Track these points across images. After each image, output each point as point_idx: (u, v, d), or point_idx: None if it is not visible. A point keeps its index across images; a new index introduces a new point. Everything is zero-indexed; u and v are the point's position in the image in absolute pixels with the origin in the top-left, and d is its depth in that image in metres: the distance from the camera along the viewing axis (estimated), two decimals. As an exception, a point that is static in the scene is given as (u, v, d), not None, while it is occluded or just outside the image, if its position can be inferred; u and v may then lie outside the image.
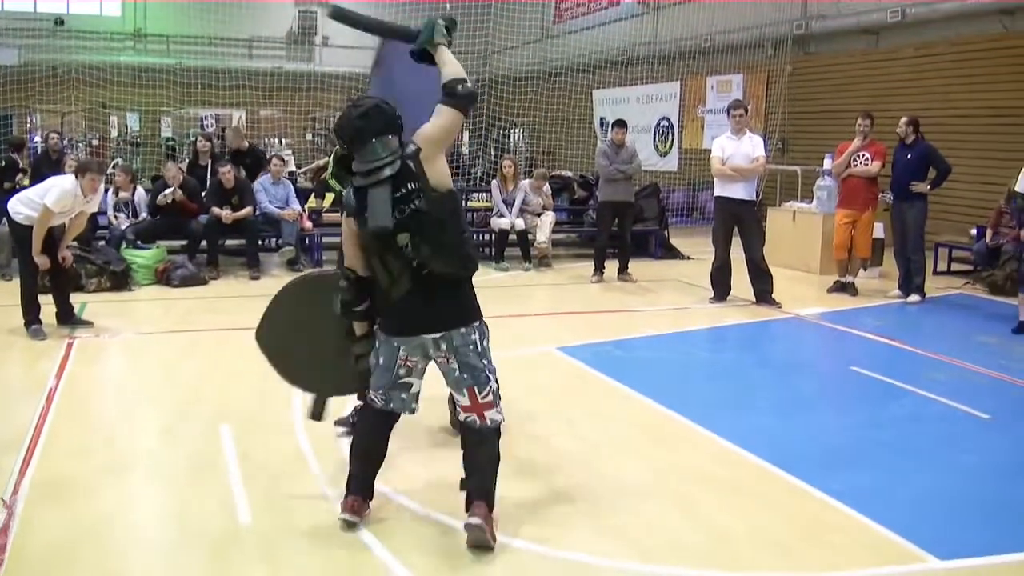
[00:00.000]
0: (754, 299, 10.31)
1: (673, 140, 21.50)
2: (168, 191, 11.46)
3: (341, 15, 4.74)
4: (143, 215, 11.75)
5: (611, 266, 12.00)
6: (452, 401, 4.90)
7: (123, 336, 8.46)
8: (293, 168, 16.47)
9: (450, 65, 4.23)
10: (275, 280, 11.31)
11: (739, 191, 10.17)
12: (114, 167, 13.16)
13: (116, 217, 11.66)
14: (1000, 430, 6.21)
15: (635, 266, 12.24)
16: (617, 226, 11.99)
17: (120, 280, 10.53)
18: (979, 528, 4.63)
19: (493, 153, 22.54)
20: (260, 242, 12.45)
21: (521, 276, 12.30)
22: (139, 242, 11.34)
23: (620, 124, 12.20)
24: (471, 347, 4.19)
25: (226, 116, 25.00)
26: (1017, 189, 9.11)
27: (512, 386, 6.86)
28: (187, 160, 14.56)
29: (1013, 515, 4.81)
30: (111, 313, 9.29)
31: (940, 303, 10.76)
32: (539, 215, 13.07)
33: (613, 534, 4.42)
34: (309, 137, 25.87)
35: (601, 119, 23.14)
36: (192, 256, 11.57)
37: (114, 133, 24.09)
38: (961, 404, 6.65)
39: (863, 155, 10.86)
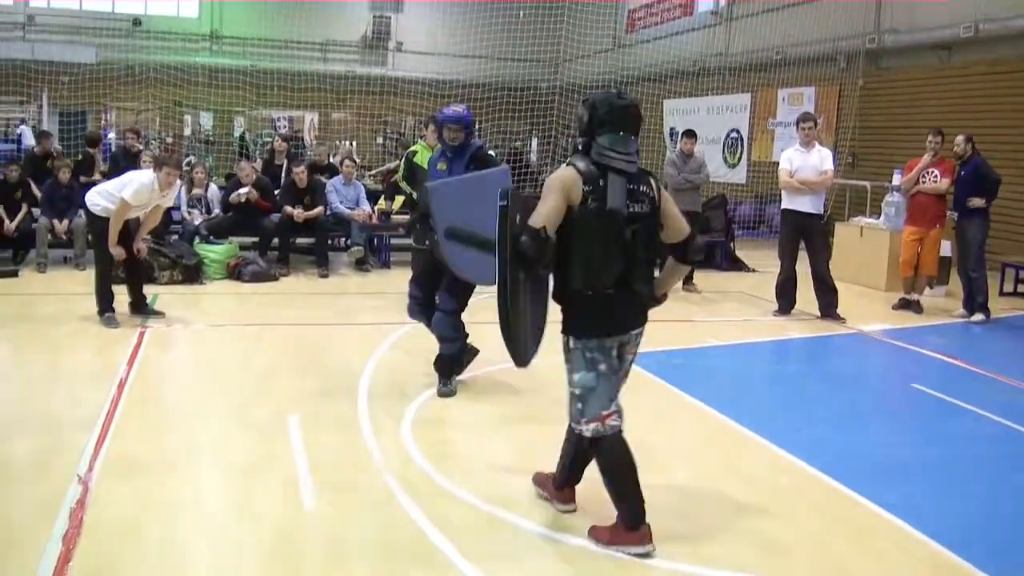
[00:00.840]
0: (819, 313, 10.24)
1: (742, 152, 21.37)
2: (243, 191, 11.73)
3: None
4: (216, 211, 12.05)
5: (675, 275, 11.96)
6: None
7: (194, 327, 8.70)
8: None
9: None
10: (342, 279, 11.57)
11: (806, 204, 10.14)
12: (189, 164, 13.50)
13: (190, 213, 11.97)
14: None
15: (700, 277, 12.19)
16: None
17: (192, 273, 10.80)
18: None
19: (562, 159, 22.59)
20: (329, 241, 12.71)
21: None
22: (212, 237, 11.63)
23: (689, 134, 12.19)
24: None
25: (299, 118, 25.41)
26: None
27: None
28: (262, 159, 14.94)
29: None
30: (183, 305, 9.54)
31: (1005, 324, 10.61)
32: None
33: (670, 539, 4.45)
34: (380, 140, 26.18)
35: (671, 129, 23.09)
36: (263, 253, 11.83)
37: (187, 131, 24.61)
38: (1019, 425, 6.60)
39: (932, 172, 10.77)
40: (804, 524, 4.77)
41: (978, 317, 10.46)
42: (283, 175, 13.02)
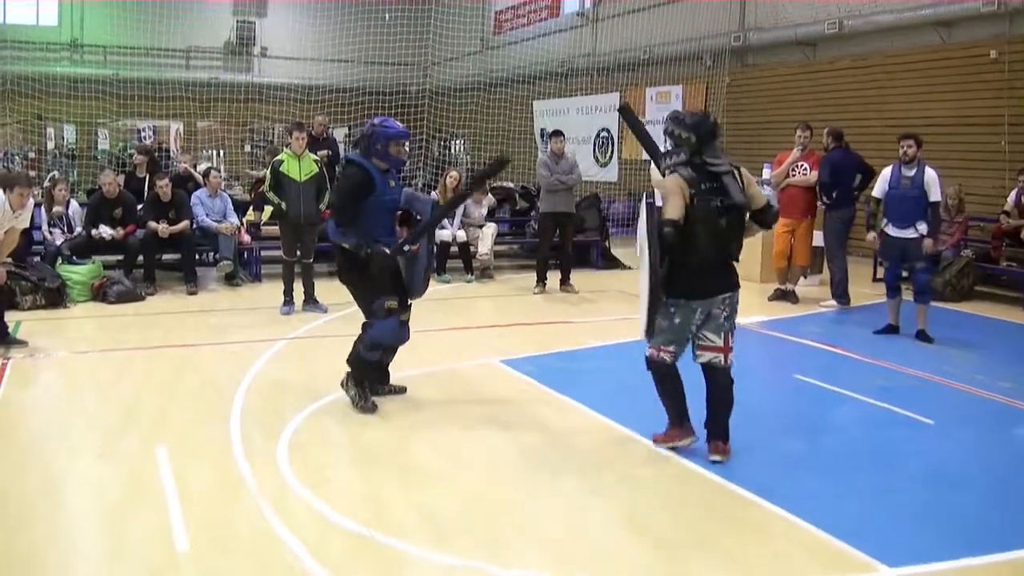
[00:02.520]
0: None
1: (613, 151, 21.55)
2: (107, 234, 11.21)
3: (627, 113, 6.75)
4: (78, 229, 11.50)
5: (553, 277, 11.97)
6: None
7: (58, 355, 8.22)
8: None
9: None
10: (212, 295, 11.17)
11: None
12: (52, 181, 12.85)
13: (51, 232, 11.39)
14: (943, 435, 6.29)
15: (577, 277, 12.23)
16: (559, 237, 11.98)
17: (55, 297, 10.26)
18: (926, 534, 4.67)
19: (434, 164, 22.46)
20: (197, 256, 12.26)
21: (463, 288, 12.23)
22: (74, 257, 11.08)
23: (557, 134, 12.18)
24: (738, 304, 5.64)
25: (163, 127, 24.65)
26: (874, 194, 9.38)
27: (454, 399, 6.88)
28: (124, 173, 14.35)
29: (958, 520, 4.86)
30: (46, 331, 9.03)
31: (880, 310, 10.84)
32: (480, 227, 13.03)
33: (552, 547, 4.41)
34: (247, 149, 25.57)
35: (541, 130, 23.14)
36: (129, 272, 11.30)
37: (50, 145, 23.61)
38: (904, 409, 6.73)
39: (802, 165, 11.00)
40: (693, 523, 4.75)
41: (829, 303, 10.77)
42: (146, 189, 12.50)
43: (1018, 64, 13.21)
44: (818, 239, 11.76)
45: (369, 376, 6.60)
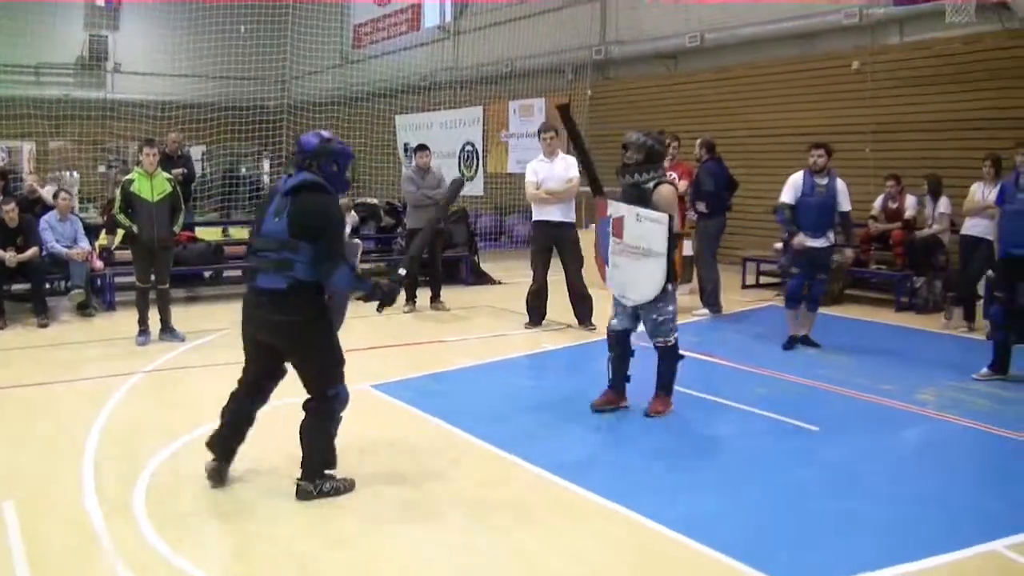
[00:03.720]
0: (569, 322, 10.30)
1: (478, 165, 21.48)
2: None
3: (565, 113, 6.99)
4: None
5: (423, 294, 11.74)
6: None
7: None
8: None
9: None
10: (64, 327, 10.57)
11: (556, 213, 10.12)
12: None
13: None
14: (829, 442, 6.28)
15: (447, 293, 12.05)
16: (427, 253, 11.75)
17: None
18: (820, 547, 4.61)
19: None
20: (48, 285, 11.57)
21: (330, 310, 11.84)
22: (-86, 291, 10.31)
23: (423, 148, 12.00)
24: None
25: (16, 148, 23.55)
26: (782, 200, 9.31)
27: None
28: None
29: (852, 529, 4.82)
30: None
31: (752, 317, 11.00)
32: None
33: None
34: (102, 169, 24.58)
35: (405, 145, 22.95)
36: (-27, 304, 10.59)
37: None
38: (788, 417, 6.73)
39: (671, 175, 11.03)
40: (583, 553, 4.57)
41: (702, 312, 10.87)
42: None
43: (880, 74, 13.62)
44: (686, 248, 11.85)
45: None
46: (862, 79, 13.79)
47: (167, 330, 9.71)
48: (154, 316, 9.65)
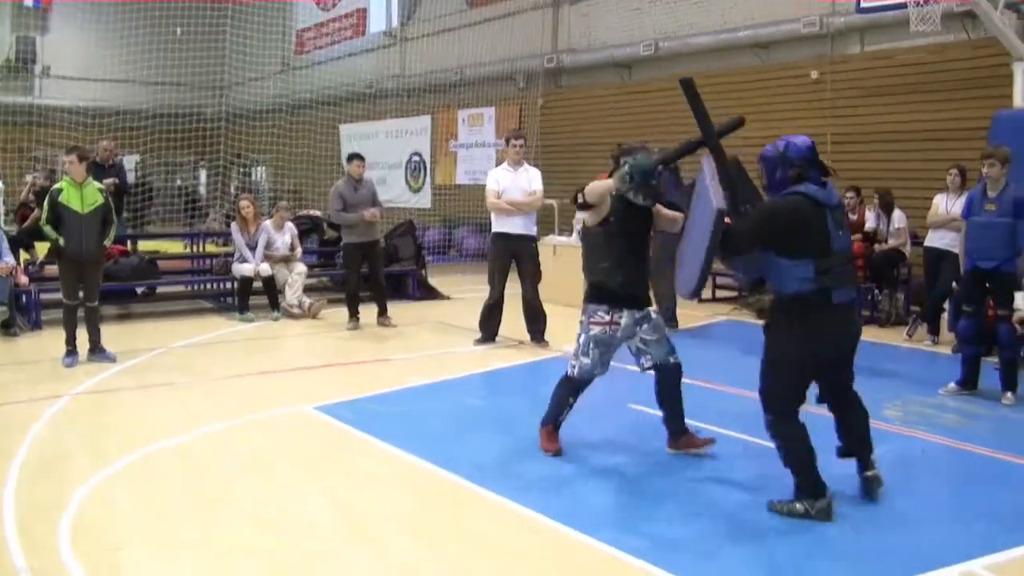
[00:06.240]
0: (520, 339, 9.94)
1: (425, 176, 21.04)
2: None
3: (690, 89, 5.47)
4: None
5: (368, 311, 11.17)
6: None
7: None
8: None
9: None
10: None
11: (518, 226, 9.68)
12: None
13: None
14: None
15: (393, 309, 11.57)
16: (368, 268, 11.16)
17: None
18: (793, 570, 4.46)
19: (234, 193, 21.32)
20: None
21: (269, 327, 11.23)
22: None
23: (357, 157, 11.45)
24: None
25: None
26: None
27: (262, 454, 6.08)
28: None
29: (821, 555, 4.63)
30: None
31: (710, 331, 10.69)
32: (287, 260, 12.03)
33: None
34: (28, 179, 23.64)
35: (349, 155, 22.42)
36: None
37: None
38: (755, 438, 6.31)
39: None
40: None
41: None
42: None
43: (839, 84, 13.43)
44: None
45: None
46: (821, 89, 13.58)
47: (97, 350, 9.07)
48: (83, 335, 9.03)
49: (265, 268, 11.70)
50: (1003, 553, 4.59)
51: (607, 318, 5.81)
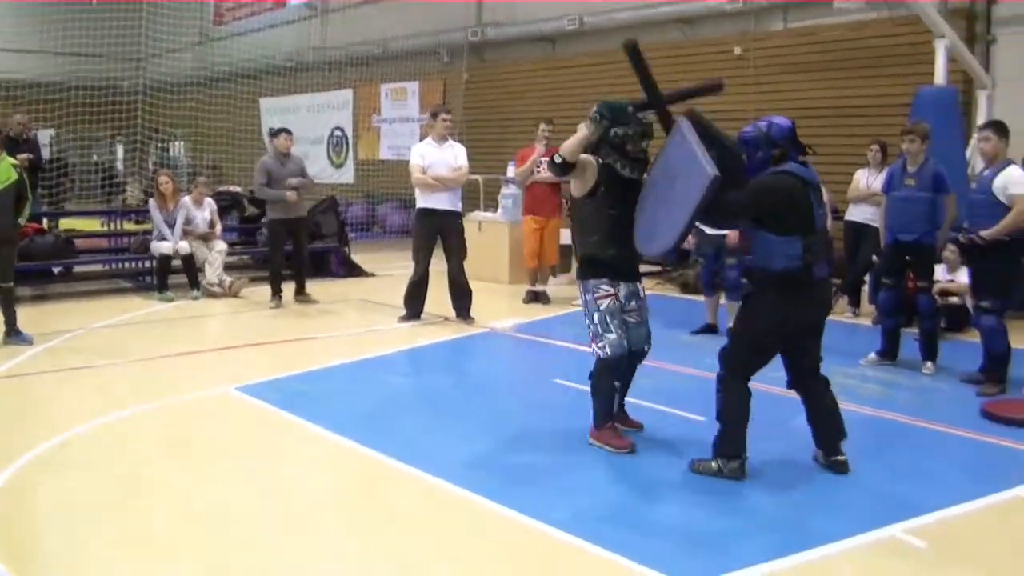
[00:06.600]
0: (446, 315, 9.84)
1: (348, 151, 20.77)
2: None
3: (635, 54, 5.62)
4: None
5: (288, 288, 10.97)
6: None
7: None
8: None
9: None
10: None
11: (444, 202, 9.55)
12: None
13: None
14: (714, 431, 5.83)
15: (316, 286, 11.44)
16: (292, 245, 10.95)
17: None
18: (710, 543, 4.42)
19: (152, 169, 20.80)
20: None
21: (189, 307, 10.94)
22: None
23: (284, 131, 11.17)
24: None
25: None
26: None
27: (183, 439, 5.92)
28: None
29: (743, 522, 4.67)
30: None
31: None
32: (206, 238, 11.75)
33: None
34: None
35: (269, 129, 21.99)
36: None
37: None
38: (674, 408, 6.49)
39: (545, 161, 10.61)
40: (470, 559, 4.26)
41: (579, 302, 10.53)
42: None
43: (762, 60, 13.51)
44: (565, 237, 11.44)
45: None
46: (744, 65, 13.64)
47: (12, 333, 8.74)
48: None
49: (184, 246, 11.41)
50: (923, 517, 4.67)
51: (611, 290, 5.66)
